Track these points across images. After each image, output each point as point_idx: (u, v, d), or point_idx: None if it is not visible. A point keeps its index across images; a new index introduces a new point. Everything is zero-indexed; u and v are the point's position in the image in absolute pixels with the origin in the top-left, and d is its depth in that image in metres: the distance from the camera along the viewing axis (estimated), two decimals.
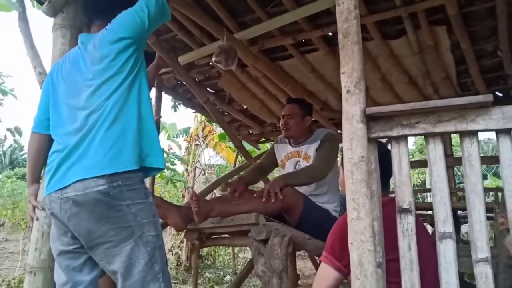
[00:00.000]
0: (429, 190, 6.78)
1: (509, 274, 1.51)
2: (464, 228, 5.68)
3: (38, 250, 1.72)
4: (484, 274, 1.05)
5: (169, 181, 7.50)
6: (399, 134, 1.18)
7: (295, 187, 2.42)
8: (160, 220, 2.26)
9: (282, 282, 1.97)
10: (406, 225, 1.16)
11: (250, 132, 5.09)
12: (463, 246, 1.62)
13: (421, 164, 6.07)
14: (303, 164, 2.67)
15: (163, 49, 2.96)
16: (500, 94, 3.79)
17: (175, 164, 7.94)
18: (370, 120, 1.19)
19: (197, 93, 3.63)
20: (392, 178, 1.24)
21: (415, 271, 1.13)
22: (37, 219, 1.75)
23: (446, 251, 1.10)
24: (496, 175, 16.92)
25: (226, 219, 2.21)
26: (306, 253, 5.35)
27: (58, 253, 1.59)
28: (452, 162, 4.16)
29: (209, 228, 2.33)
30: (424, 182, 16.25)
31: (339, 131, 4.66)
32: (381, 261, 1.18)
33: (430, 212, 4.16)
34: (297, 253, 3.69)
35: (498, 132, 1.09)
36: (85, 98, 1.55)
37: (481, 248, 1.06)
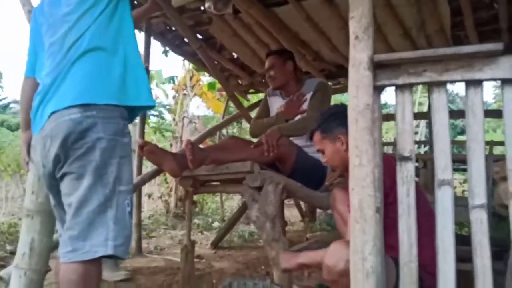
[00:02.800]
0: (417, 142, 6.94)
1: (492, 222, 1.57)
2: None
3: (35, 194, 1.72)
4: (479, 220, 1.09)
5: (157, 130, 7.45)
6: (405, 83, 1.18)
7: (289, 138, 2.44)
8: (154, 167, 2.27)
9: (275, 227, 2.04)
10: (406, 172, 1.19)
11: (240, 82, 5.01)
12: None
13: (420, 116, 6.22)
14: None
15: None
16: None
17: (163, 113, 7.86)
18: (376, 67, 1.18)
19: (190, 39, 3.51)
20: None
21: (412, 216, 1.17)
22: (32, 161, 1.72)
23: (444, 197, 1.13)
24: None
25: (221, 167, 2.24)
26: (291, 201, 5.48)
27: (52, 204, 1.58)
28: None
29: (204, 175, 2.35)
30: None
31: (330, 83, 4.65)
32: (380, 206, 1.22)
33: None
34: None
35: (504, 81, 1.09)
36: (63, 35, 1.49)
37: (479, 194, 1.09)
